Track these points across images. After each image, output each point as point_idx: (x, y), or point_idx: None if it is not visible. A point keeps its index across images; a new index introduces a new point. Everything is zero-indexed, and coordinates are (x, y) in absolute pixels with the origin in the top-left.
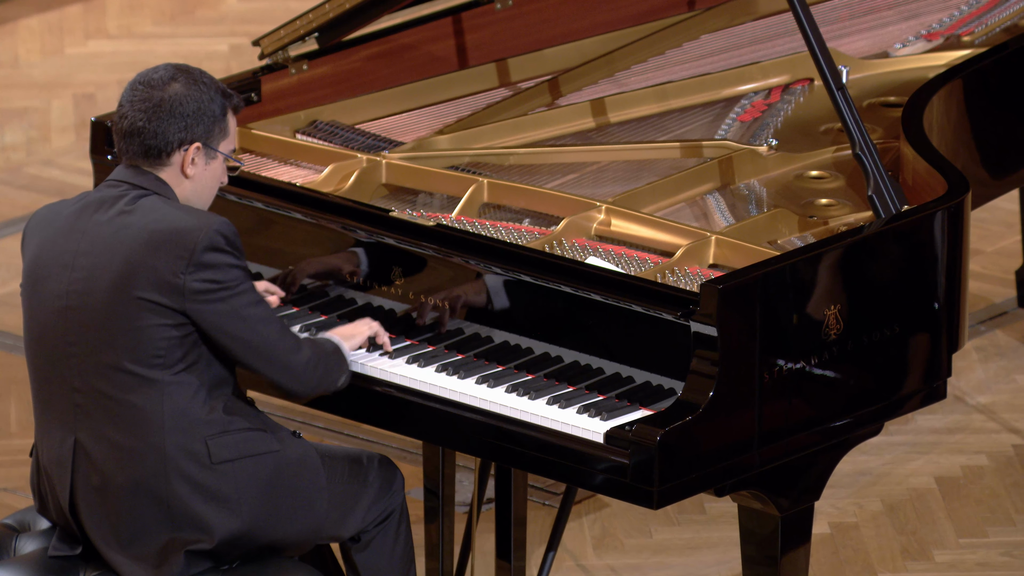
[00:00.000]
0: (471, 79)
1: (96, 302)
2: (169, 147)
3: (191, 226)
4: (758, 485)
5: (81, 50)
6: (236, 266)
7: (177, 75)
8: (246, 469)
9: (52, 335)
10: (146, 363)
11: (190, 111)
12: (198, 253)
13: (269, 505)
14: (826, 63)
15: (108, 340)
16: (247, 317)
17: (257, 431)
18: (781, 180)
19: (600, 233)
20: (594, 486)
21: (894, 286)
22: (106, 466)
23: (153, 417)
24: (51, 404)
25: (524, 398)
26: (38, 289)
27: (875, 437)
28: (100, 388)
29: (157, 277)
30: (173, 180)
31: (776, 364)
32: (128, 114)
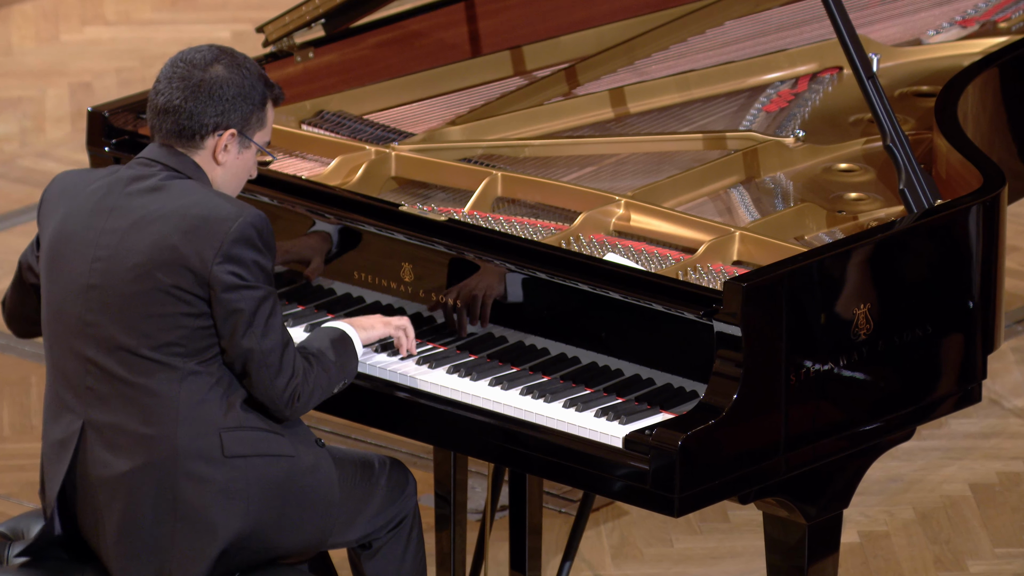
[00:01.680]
0: (484, 67)
1: (119, 283)
2: (204, 130)
3: (224, 214)
4: (784, 492)
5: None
6: (263, 266)
7: (221, 57)
8: (257, 468)
9: (71, 313)
10: (165, 351)
11: (229, 95)
12: (228, 243)
13: (277, 509)
14: (856, 51)
15: (128, 324)
16: (257, 323)
17: (273, 434)
18: (808, 173)
19: (619, 228)
20: (612, 493)
21: (927, 284)
22: (113, 452)
23: (168, 404)
24: (64, 384)
25: (539, 401)
26: (59, 264)
27: (906, 442)
28: (115, 372)
29: (185, 264)
30: (206, 165)
31: (803, 365)
32: (164, 90)
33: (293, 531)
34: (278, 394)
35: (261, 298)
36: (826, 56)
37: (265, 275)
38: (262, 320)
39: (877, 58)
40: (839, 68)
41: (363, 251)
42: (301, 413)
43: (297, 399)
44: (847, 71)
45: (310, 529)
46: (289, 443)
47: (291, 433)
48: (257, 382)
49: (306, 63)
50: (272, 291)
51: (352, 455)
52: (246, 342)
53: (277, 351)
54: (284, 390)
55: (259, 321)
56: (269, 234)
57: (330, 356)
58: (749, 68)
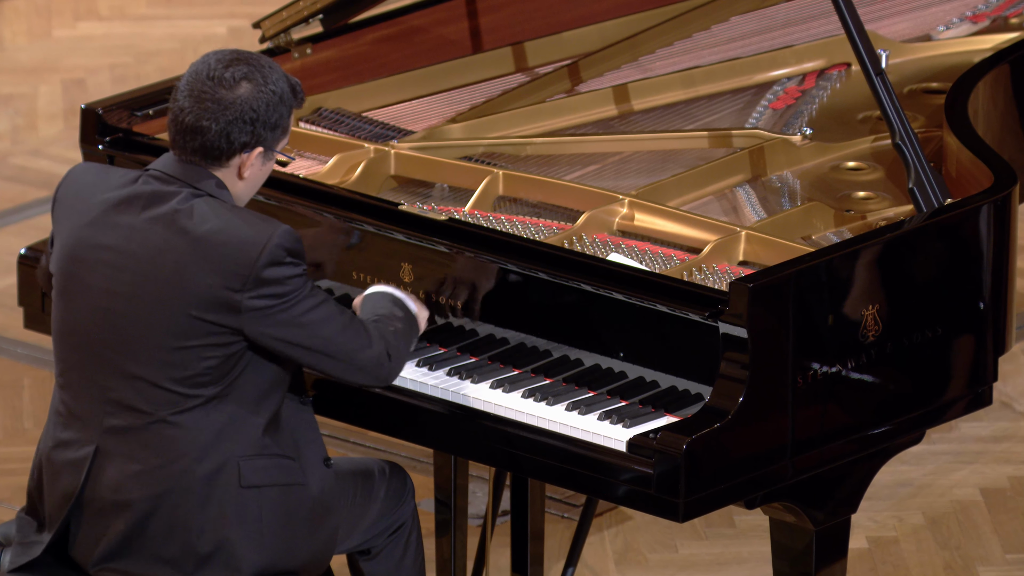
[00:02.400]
0: (486, 64)
1: (142, 312)
2: (232, 151)
3: (250, 239)
4: (791, 497)
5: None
6: (298, 275)
7: (249, 73)
8: (273, 498)
9: (90, 336)
10: (189, 383)
11: (259, 117)
12: (258, 270)
13: (287, 538)
14: (864, 47)
15: (149, 355)
16: (307, 323)
17: (287, 459)
18: (816, 172)
19: (623, 228)
20: (616, 497)
21: (936, 285)
22: (126, 482)
23: (189, 436)
24: (76, 405)
25: (541, 404)
26: (76, 280)
27: (916, 446)
28: (135, 404)
29: (212, 294)
30: (229, 180)
31: (810, 368)
32: (191, 110)
33: (301, 555)
34: (372, 365)
35: (301, 300)
36: (834, 52)
37: (301, 282)
38: (311, 318)
39: (886, 54)
40: (847, 64)
41: (362, 251)
42: (400, 369)
43: (389, 358)
44: (855, 67)
45: (316, 551)
46: (300, 469)
47: (304, 455)
48: (346, 369)
49: (304, 59)
50: (309, 288)
51: (351, 466)
52: (310, 343)
53: (342, 329)
54: (378, 359)
55: (310, 320)
56: (298, 245)
57: (398, 313)
58: (755, 64)
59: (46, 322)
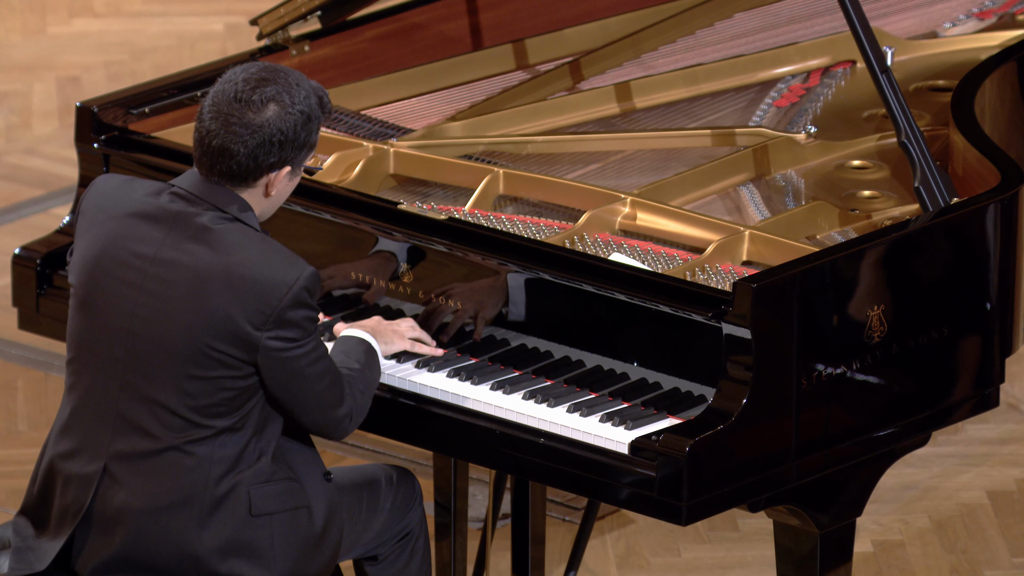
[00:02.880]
0: (486, 61)
1: (163, 339)
2: (259, 172)
3: (278, 278)
4: (795, 500)
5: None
6: (313, 319)
7: (277, 96)
8: (283, 524)
9: (106, 356)
10: (206, 412)
11: (287, 139)
12: (282, 310)
13: (298, 562)
14: (869, 44)
15: (169, 381)
16: (308, 375)
17: (293, 481)
18: (820, 171)
19: (625, 228)
20: (618, 500)
21: (943, 285)
22: (134, 503)
23: (201, 464)
24: (89, 420)
25: (542, 405)
26: (97, 301)
27: (922, 448)
28: (148, 428)
29: (233, 327)
30: (254, 200)
31: (815, 369)
32: (219, 133)
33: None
34: (337, 423)
35: (309, 350)
36: (839, 49)
37: (314, 327)
38: (311, 371)
39: (891, 51)
40: (852, 62)
41: (360, 251)
42: (354, 429)
43: (350, 424)
44: (860, 65)
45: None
46: (304, 491)
47: (305, 475)
48: (315, 420)
49: (301, 57)
50: (317, 338)
51: (357, 477)
52: (299, 391)
53: (327, 388)
54: (339, 420)
55: (310, 372)
56: (318, 286)
57: (367, 373)
58: (759, 62)
59: (40, 323)
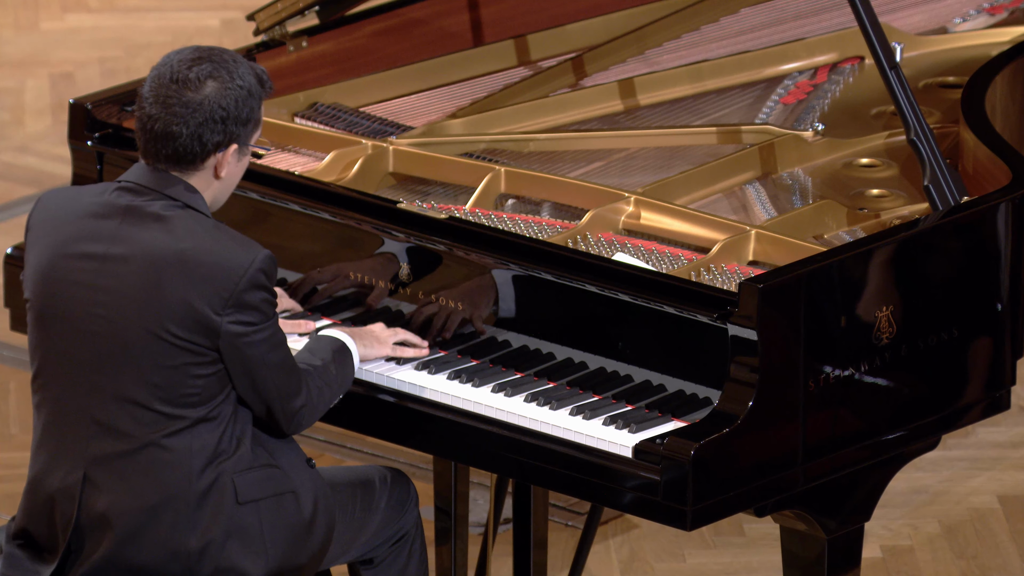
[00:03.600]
0: (487, 57)
1: (124, 333)
2: (205, 152)
3: (234, 261)
4: (802, 504)
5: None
6: (270, 303)
7: (213, 72)
8: (270, 509)
9: (71, 362)
10: (177, 403)
11: (229, 115)
12: (240, 292)
13: (289, 547)
14: (878, 40)
15: (136, 376)
16: (268, 362)
17: (275, 468)
18: (828, 169)
19: (628, 227)
20: (622, 505)
21: (953, 285)
22: (119, 506)
23: (181, 458)
24: (61, 431)
25: (545, 408)
26: (54, 309)
27: (931, 452)
28: (122, 427)
29: (193, 314)
30: (203, 184)
31: (822, 371)
32: (160, 116)
33: (300, 560)
34: (288, 415)
35: (270, 333)
36: (847, 45)
37: (271, 311)
38: (273, 351)
39: (900, 47)
40: (860, 58)
41: (359, 251)
42: (304, 430)
43: (304, 418)
44: (869, 61)
45: (313, 554)
46: (287, 476)
47: (286, 462)
48: (273, 409)
49: (299, 53)
50: (275, 324)
51: (351, 476)
52: (256, 377)
53: (284, 376)
54: (295, 411)
55: (271, 355)
56: (275, 269)
57: (332, 370)
58: (765, 58)
59: None
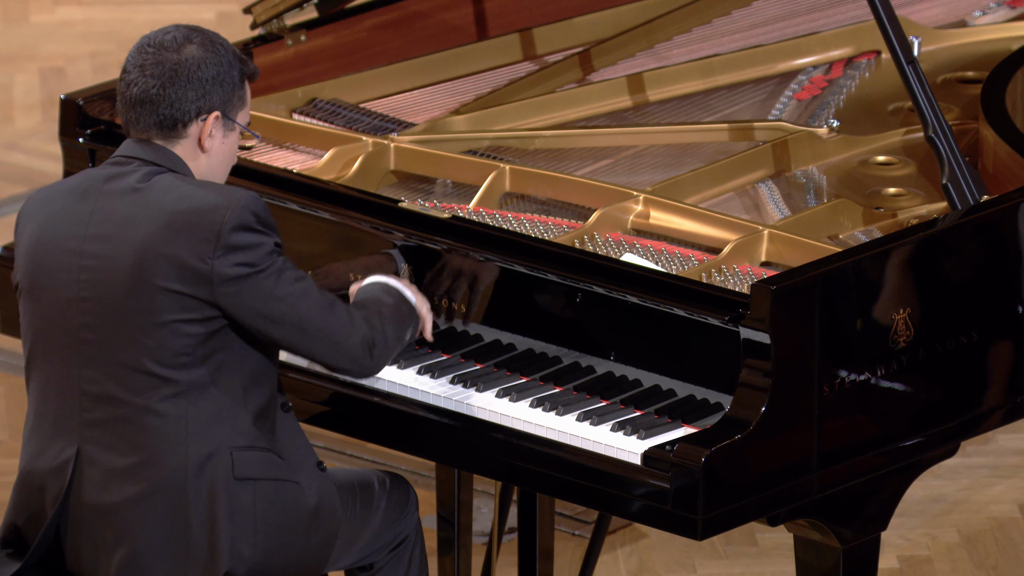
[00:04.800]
0: (491, 51)
1: (111, 294)
2: (186, 116)
3: (215, 204)
4: (817, 513)
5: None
6: (267, 244)
7: (191, 35)
8: (267, 493)
9: (61, 332)
10: (170, 363)
11: (208, 76)
12: (225, 234)
13: (281, 537)
14: (895, 33)
15: (127, 337)
16: (285, 296)
17: (278, 456)
18: (843, 167)
19: (637, 226)
20: (630, 514)
21: (972, 287)
22: (113, 480)
23: (176, 427)
24: (54, 407)
25: (551, 414)
26: (42, 279)
27: (950, 459)
28: (115, 393)
29: (181, 264)
30: (189, 155)
31: (837, 375)
32: (137, 80)
33: (294, 559)
34: (354, 351)
35: (279, 270)
36: (863, 39)
37: (273, 250)
38: (289, 291)
39: (918, 41)
40: (877, 52)
41: (359, 251)
42: (386, 362)
43: (374, 346)
44: (885, 55)
45: (310, 557)
46: (291, 469)
47: (292, 457)
48: (326, 352)
49: (297, 47)
50: (284, 260)
51: (350, 477)
52: (287, 317)
53: (326, 310)
54: (358, 345)
55: (287, 293)
56: (267, 213)
57: (387, 301)
58: (779, 52)
59: None
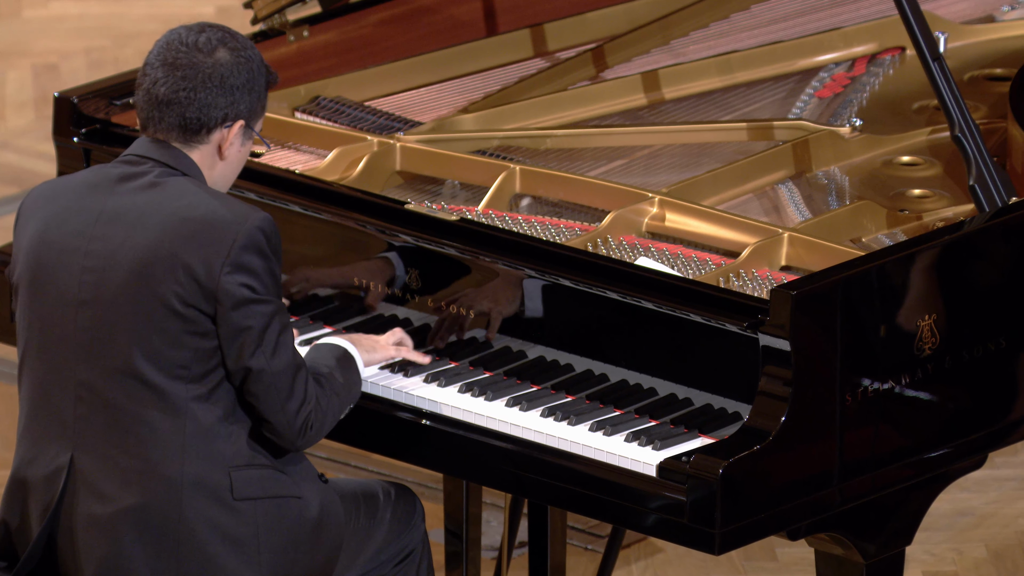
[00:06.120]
0: (501, 48)
1: (114, 296)
2: (212, 122)
3: (230, 218)
4: (839, 527)
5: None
6: (274, 275)
7: (225, 39)
8: (269, 512)
9: (59, 332)
10: (169, 373)
11: (239, 83)
12: (236, 251)
13: (286, 556)
14: (920, 29)
15: (127, 342)
16: (267, 341)
17: (279, 472)
18: (866, 167)
19: (652, 229)
20: (645, 527)
21: (1000, 292)
22: (106, 490)
23: (172, 439)
24: (48, 411)
25: (562, 423)
26: (43, 277)
27: (978, 471)
28: (112, 398)
29: (187, 274)
30: (206, 161)
31: (860, 384)
32: (165, 80)
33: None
34: (289, 421)
35: (272, 313)
36: (887, 35)
37: (276, 286)
38: (272, 338)
39: (944, 37)
40: (901, 48)
41: (364, 255)
42: (313, 443)
43: (310, 427)
44: (910, 52)
45: (315, 571)
46: (293, 483)
47: (294, 470)
48: (266, 408)
49: (300, 43)
50: (282, 305)
51: (354, 487)
52: (255, 362)
53: (289, 373)
54: (296, 417)
55: (269, 339)
56: (277, 239)
57: (338, 378)
58: (799, 48)
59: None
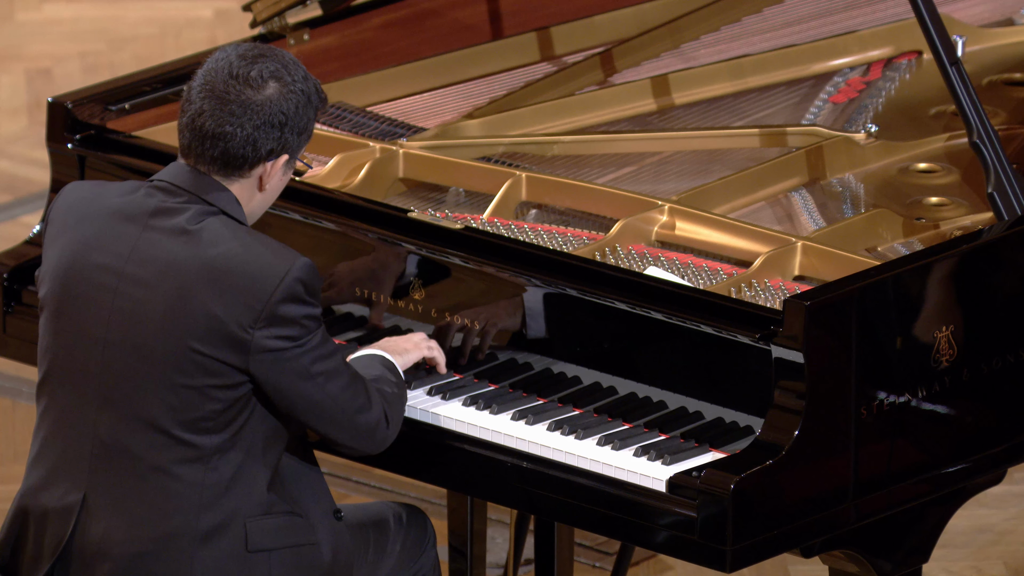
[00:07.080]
0: (507, 52)
1: (142, 346)
2: (256, 159)
3: (267, 270)
4: (854, 544)
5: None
6: (313, 316)
7: (277, 72)
8: (283, 561)
9: (82, 367)
10: (191, 427)
11: (288, 121)
12: (273, 305)
13: None
14: (937, 32)
15: (151, 392)
16: (316, 374)
17: (296, 516)
18: (882, 174)
19: (662, 238)
20: (654, 544)
21: (1020, 303)
22: (115, 535)
23: (189, 492)
24: (64, 445)
25: (570, 437)
26: (69, 309)
27: (996, 486)
28: (131, 446)
29: (220, 328)
30: (244, 194)
31: (876, 397)
32: (213, 113)
33: None
34: (370, 432)
35: (314, 346)
36: (903, 39)
37: (315, 324)
38: (320, 368)
39: (962, 41)
40: (918, 52)
41: (366, 263)
42: (394, 437)
43: (388, 427)
44: (927, 56)
45: None
46: (310, 526)
47: (313, 510)
48: (343, 432)
49: (300, 47)
50: (322, 334)
51: (364, 516)
52: (312, 395)
53: (348, 389)
54: (375, 426)
55: (318, 371)
56: (318, 281)
57: (391, 378)
58: (813, 52)
59: (8, 345)
